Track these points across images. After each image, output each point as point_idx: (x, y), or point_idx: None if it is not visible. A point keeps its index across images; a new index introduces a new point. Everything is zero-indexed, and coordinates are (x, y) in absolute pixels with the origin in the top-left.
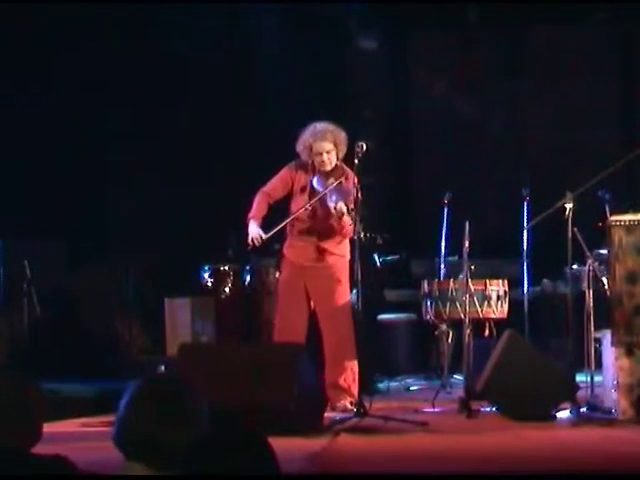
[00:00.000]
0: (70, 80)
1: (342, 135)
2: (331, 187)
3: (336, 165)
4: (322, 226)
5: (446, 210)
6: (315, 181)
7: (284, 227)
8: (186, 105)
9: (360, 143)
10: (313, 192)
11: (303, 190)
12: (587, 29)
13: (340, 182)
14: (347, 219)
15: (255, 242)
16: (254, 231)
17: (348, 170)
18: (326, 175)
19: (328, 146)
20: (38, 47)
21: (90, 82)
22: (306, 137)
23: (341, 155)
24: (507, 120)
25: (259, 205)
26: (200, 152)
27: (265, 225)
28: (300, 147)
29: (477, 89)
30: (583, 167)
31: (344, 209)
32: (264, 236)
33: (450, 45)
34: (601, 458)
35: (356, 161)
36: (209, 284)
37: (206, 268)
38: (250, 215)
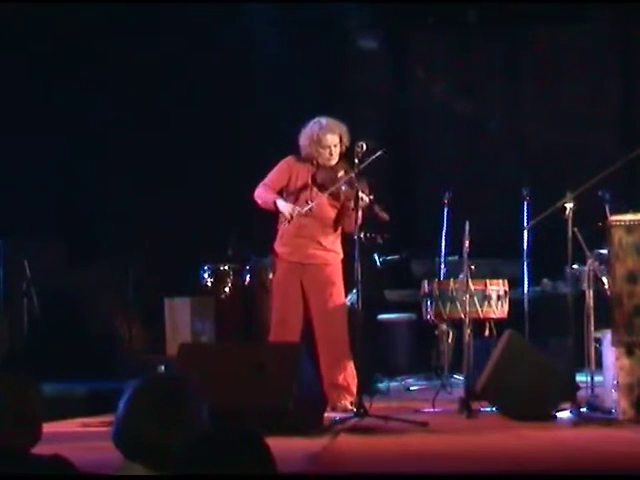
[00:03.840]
0: (70, 80)
1: (345, 128)
2: (345, 178)
3: (339, 160)
4: (320, 222)
5: (446, 210)
6: (320, 175)
7: (277, 226)
8: (186, 105)
9: (360, 143)
10: (316, 186)
11: (304, 186)
12: (587, 29)
13: (351, 176)
14: (376, 207)
15: (294, 215)
16: (288, 205)
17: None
18: (331, 169)
19: (336, 139)
20: (37, 47)
21: (90, 82)
22: (314, 130)
23: (343, 149)
24: (507, 120)
25: (268, 193)
26: (200, 152)
27: (265, 223)
28: (305, 141)
29: (477, 89)
30: (583, 167)
31: (366, 199)
32: (303, 210)
33: (450, 45)
34: (601, 458)
35: (356, 161)
36: (209, 284)
37: (206, 268)
38: (271, 198)
